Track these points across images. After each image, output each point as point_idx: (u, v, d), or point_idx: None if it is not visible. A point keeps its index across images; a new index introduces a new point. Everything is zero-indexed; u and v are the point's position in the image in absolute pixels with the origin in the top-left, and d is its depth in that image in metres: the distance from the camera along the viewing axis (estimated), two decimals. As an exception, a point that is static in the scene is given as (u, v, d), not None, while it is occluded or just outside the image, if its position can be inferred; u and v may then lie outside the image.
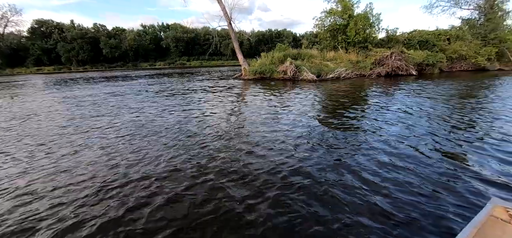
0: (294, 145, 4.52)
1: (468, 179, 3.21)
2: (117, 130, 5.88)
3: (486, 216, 1.66)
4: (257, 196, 2.93)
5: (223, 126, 6.02)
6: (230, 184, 3.22)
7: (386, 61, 17.44)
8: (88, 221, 2.58)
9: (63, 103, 10.24)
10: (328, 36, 20.89)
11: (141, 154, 4.30)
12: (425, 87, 11.52)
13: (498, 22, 21.40)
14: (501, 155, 3.89)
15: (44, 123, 6.92)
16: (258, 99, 9.48)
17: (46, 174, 3.68)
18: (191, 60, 58.36)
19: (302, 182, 3.22)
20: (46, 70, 46.37)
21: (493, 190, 2.96)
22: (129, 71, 38.89)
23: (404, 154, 4.02)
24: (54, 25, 50.81)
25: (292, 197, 2.90)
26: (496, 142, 4.43)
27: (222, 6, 18.31)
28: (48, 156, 4.40)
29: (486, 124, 5.62)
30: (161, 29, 62.95)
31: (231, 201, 2.86)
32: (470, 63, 20.30)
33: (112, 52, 52.49)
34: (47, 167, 3.92)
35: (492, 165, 3.59)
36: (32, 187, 3.32)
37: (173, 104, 9.05)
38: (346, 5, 19.37)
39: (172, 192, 3.08)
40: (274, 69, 17.06)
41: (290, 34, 65.28)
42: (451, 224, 2.41)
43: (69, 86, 17.20)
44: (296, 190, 3.04)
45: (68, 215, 2.69)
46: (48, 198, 3.03)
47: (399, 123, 5.86)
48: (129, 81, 19.58)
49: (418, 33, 21.70)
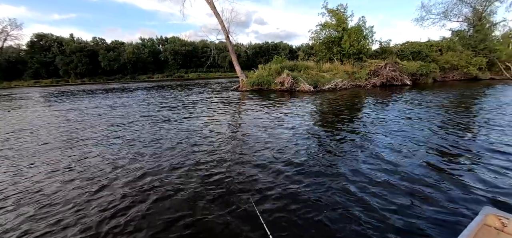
0: (294, 153, 4.64)
1: (462, 188, 3.29)
2: (108, 147, 5.95)
3: (479, 224, 1.70)
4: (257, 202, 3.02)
5: (224, 136, 6.12)
6: (236, 188, 3.30)
7: (381, 72, 17.85)
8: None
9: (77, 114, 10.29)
10: (323, 48, 21.37)
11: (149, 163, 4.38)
12: (419, 97, 11.79)
13: (487, 33, 22.15)
14: (493, 163, 4.02)
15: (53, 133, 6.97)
16: (257, 111, 9.63)
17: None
18: (189, 72, 58.92)
19: (301, 191, 3.32)
20: (44, 83, 46.41)
21: (486, 198, 3.04)
22: (128, 83, 39.06)
23: (399, 163, 4.14)
24: (54, 39, 51.32)
25: (292, 208, 2.98)
26: (489, 150, 4.58)
27: (220, 20, 18.77)
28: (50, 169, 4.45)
29: (481, 132, 5.80)
30: (159, 42, 63.87)
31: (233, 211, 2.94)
32: (462, 73, 20.84)
33: (110, 65, 52.90)
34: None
35: (484, 173, 3.70)
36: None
37: (175, 116, 9.15)
38: (340, 18, 19.98)
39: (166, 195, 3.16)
40: (272, 81, 17.35)
41: (287, 47, 66.54)
42: (444, 233, 2.48)
43: (73, 99, 17.25)
44: (294, 198, 3.13)
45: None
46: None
47: (395, 132, 6.02)
48: (128, 93, 19.70)
49: (410, 44, 22.30)
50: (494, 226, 1.71)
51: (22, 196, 3.45)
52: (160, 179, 3.78)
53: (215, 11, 18.67)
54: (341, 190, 3.31)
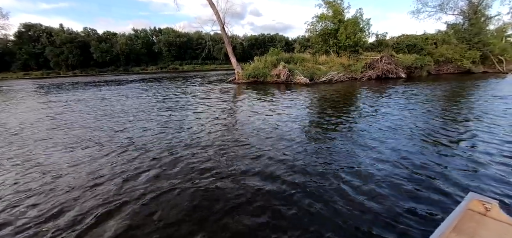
0: (292, 144, 4.61)
1: (449, 176, 3.37)
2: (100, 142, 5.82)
3: (464, 209, 1.77)
4: (249, 198, 2.99)
5: (221, 129, 6.05)
6: (226, 185, 3.26)
7: (377, 65, 17.91)
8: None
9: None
10: (319, 40, 21.26)
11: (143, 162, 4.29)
12: (413, 89, 11.88)
13: (481, 26, 22.34)
14: (480, 152, 4.10)
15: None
16: (254, 103, 9.56)
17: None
18: (184, 64, 58.09)
19: (297, 181, 3.30)
20: (34, 75, 45.16)
21: (471, 185, 3.14)
22: (121, 75, 38.36)
23: (392, 154, 4.17)
24: (43, 29, 49.70)
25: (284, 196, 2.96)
26: (479, 140, 4.66)
27: (215, 10, 18.41)
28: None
29: (471, 124, 5.88)
30: (153, 33, 62.53)
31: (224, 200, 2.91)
32: (456, 66, 21.08)
33: (103, 56, 51.71)
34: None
35: (471, 162, 3.77)
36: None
37: (172, 106, 9.02)
38: (336, 10, 19.82)
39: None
40: (268, 73, 17.22)
41: (283, 39, 66.01)
42: (432, 217, 2.56)
43: (70, 90, 16.83)
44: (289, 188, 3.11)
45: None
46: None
47: (387, 124, 6.05)
48: (121, 85, 19.34)
49: (406, 37, 22.37)
50: (478, 211, 1.77)
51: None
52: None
53: (210, 1, 18.29)
54: (334, 181, 3.30)
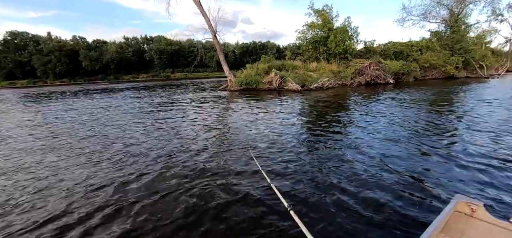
0: (286, 149, 4.69)
1: (436, 180, 3.50)
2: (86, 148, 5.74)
3: (451, 211, 1.83)
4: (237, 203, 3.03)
5: (215, 135, 6.08)
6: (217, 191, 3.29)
7: (366, 71, 18.41)
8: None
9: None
10: (310, 48, 21.72)
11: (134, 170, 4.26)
12: (401, 95, 12.28)
13: (463, 34, 23.45)
14: (465, 155, 4.28)
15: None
16: (247, 110, 9.63)
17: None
18: (176, 72, 57.80)
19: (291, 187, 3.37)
20: (20, 84, 43.82)
21: (458, 187, 3.25)
22: (112, 84, 37.71)
23: (381, 157, 4.31)
24: (29, 37, 48.59)
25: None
26: (464, 142, 4.87)
27: (207, 19, 18.57)
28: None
29: (456, 127, 6.15)
30: (144, 41, 62.15)
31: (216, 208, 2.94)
32: (440, 72, 21.95)
33: (92, 64, 50.88)
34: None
35: (457, 165, 3.93)
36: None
37: (165, 117, 8.97)
38: (325, 19, 20.38)
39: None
40: (260, 80, 17.39)
41: (274, 46, 66.92)
42: (420, 219, 2.63)
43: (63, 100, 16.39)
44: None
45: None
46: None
47: (377, 128, 6.24)
48: (113, 93, 19.03)
49: (392, 44, 23.17)
50: (464, 213, 1.83)
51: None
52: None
53: (202, 10, 18.45)
54: (326, 185, 3.39)
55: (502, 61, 25.69)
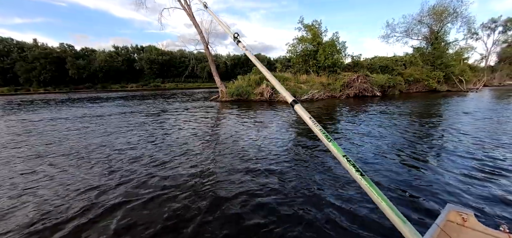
0: (275, 160, 4.72)
1: (427, 190, 3.62)
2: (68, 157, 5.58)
3: (443, 221, 1.84)
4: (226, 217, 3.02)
5: (204, 145, 6.03)
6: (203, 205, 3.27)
7: (354, 84, 19.01)
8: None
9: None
10: (300, 60, 22.29)
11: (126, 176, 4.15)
12: (388, 107, 12.71)
13: (443, 50, 24.88)
14: (455, 165, 4.47)
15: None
16: (238, 121, 9.65)
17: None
18: (166, 82, 57.28)
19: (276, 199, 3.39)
20: (0, 91, 41.94)
21: (448, 197, 3.36)
22: (98, 93, 36.79)
23: (370, 168, 4.43)
24: (14, 43, 47.08)
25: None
26: (450, 153, 5.09)
27: (200, 30, 18.77)
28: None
29: (442, 136, 6.42)
30: (134, 51, 61.59)
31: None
32: (424, 85, 23.01)
33: (79, 73, 49.67)
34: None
35: (447, 174, 4.10)
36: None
37: (156, 127, 8.83)
38: (315, 33, 21.10)
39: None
40: (251, 91, 17.56)
41: (265, 58, 67.98)
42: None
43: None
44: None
45: None
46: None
47: (366, 138, 6.42)
48: (97, 103, 18.56)
49: (378, 59, 24.20)
50: (456, 222, 1.86)
51: None
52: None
53: (194, 22, 18.66)
54: (314, 198, 3.44)
55: (480, 76, 27.33)
